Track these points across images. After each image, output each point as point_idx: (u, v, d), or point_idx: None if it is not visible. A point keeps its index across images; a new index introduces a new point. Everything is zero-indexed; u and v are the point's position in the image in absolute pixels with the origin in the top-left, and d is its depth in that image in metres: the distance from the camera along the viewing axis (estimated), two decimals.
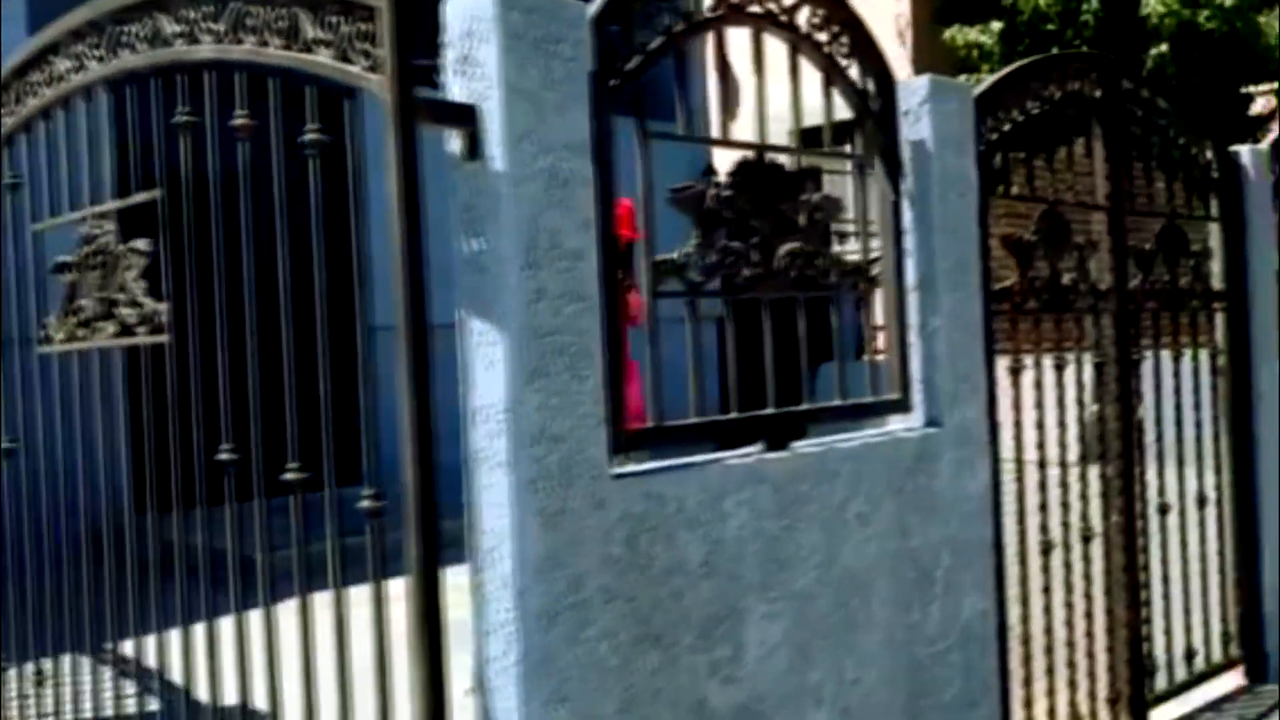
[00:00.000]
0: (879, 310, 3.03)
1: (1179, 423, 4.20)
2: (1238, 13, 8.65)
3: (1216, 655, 4.30)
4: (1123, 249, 3.82)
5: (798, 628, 2.56)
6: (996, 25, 10.36)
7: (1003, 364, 3.27)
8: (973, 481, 3.06)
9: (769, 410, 2.62)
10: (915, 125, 2.98)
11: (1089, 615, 3.59)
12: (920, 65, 12.44)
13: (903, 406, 2.97)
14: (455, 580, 2.07)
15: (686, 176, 2.47)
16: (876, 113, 2.91)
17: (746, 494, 2.45)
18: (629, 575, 2.20)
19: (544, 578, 2.06)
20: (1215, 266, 4.41)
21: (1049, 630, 3.42)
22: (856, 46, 2.85)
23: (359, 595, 2.16)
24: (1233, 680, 4.39)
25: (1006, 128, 3.32)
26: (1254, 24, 8.71)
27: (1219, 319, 4.44)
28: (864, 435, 2.82)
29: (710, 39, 2.70)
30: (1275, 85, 10.74)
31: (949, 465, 2.98)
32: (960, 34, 10.65)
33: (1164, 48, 9.28)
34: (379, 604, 2.11)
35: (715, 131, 11.67)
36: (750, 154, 2.59)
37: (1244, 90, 10.51)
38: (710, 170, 2.57)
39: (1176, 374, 4.18)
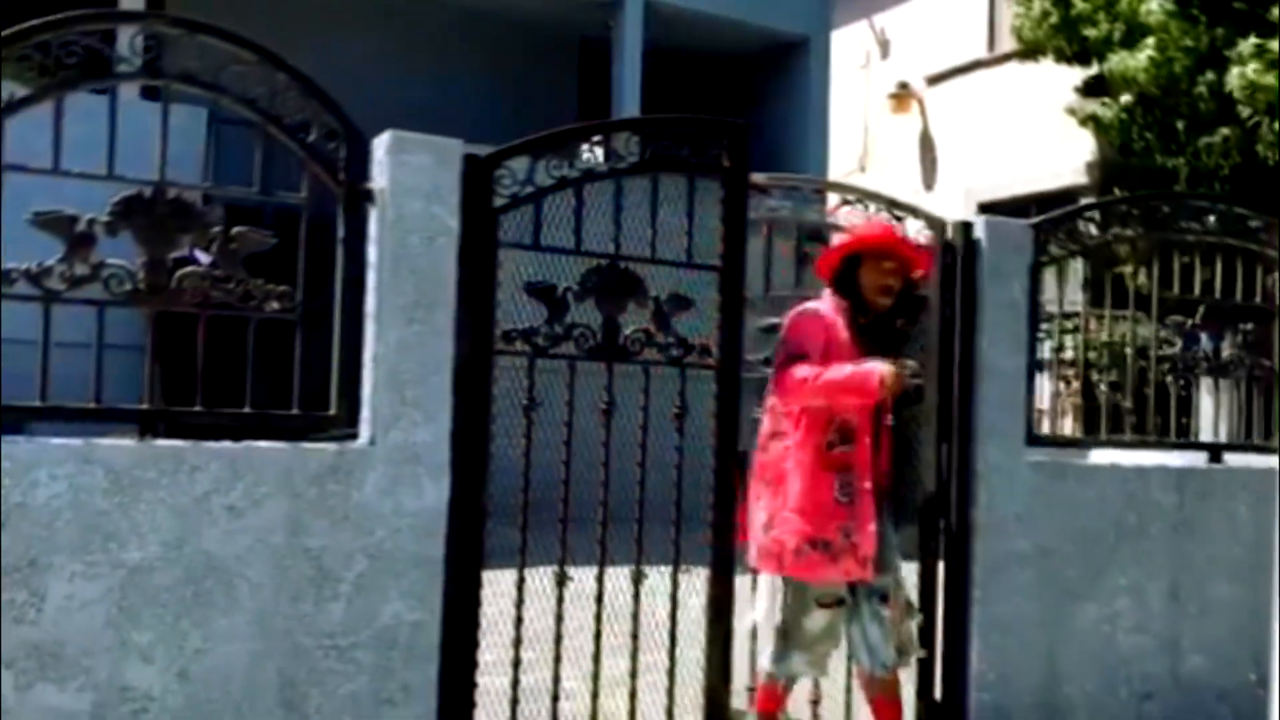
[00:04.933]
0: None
1: None
2: None
3: None
4: (736, 309, 3.89)
5: (126, 593, 2.99)
6: (1126, 98, 9.84)
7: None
8: (416, 500, 3.33)
9: (144, 406, 3.10)
10: (382, 175, 3.34)
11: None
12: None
13: (339, 422, 3.32)
14: None
15: None
16: (334, 160, 3.30)
17: (66, 470, 2.93)
18: None
19: None
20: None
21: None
22: (309, 101, 3.27)
23: None
24: None
25: (545, 184, 3.58)
26: None
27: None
28: (258, 443, 3.18)
29: None
30: None
31: (378, 480, 3.29)
32: (1080, 106, 10.20)
33: (1275, 125, 8.48)
34: None
35: None
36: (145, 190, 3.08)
37: None
38: None
39: None
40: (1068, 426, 4.74)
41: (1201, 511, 4.78)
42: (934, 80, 15.83)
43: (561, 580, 3.63)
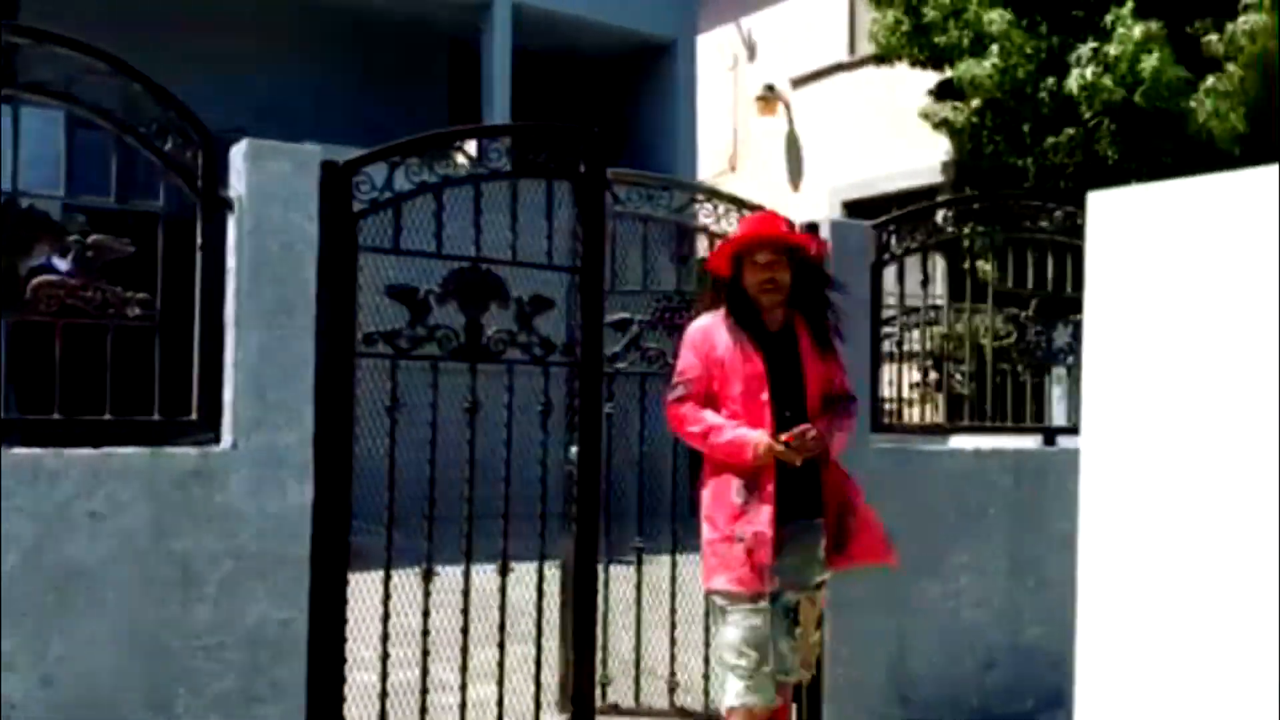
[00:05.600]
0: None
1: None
2: (1160, 90, 8.31)
3: None
4: (596, 308, 4.04)
5: None
6: (975, 102, 10.29)
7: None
8: (280, 501, 3.40)
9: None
10: (240, 181, 3.40)
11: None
12: None
13: (202, 427, 3.37)
14: None
15: None
16: (191, 168, 3.35)
17: None
18: None
19: None
20: None
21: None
22: (166, 111, 3.31)
23: None
24: None
25: (404, 190, 3.68)
26: (1180, 105, 8.34)
27: None
28: (119, 449, 3.21)
29: None
30: None
31: (242, 482, 3.35)
32: (933, 110, 10.64)
33: (1111, 125, 9.00)
34: None
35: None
36: None
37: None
38: None
39: None
40: (926, 414, 5.01)
41: (1037, 491, 5.10)
42: (799, 82, 16.26)
43: (428, 576, 3.73)
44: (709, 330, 3.69)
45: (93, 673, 3.14)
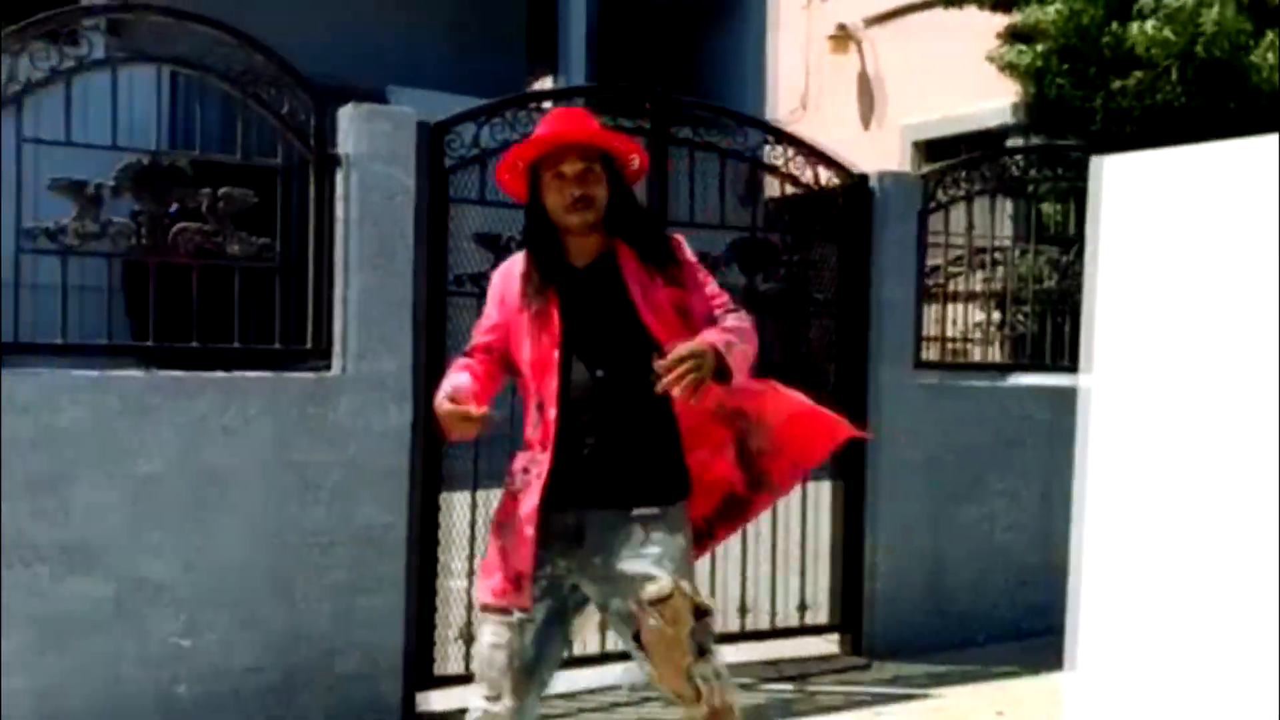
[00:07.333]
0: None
1: None
2: (1221, 42, 8.41)
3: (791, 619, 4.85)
4: None
5: (139, 500, 3.55)
6: (1040, 47, 10.40)
7: None
8: (382, 421, 3.91)
9: (149, 343, 3.65)
10: (349, 141, 3.86)
11: None
12: None
13: (318, 355, 3.87)
14: None
15: None
16: (304, 129, 3.82)
17: (86, 397, 3.47)
18: None
19: None
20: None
21: None
22: (284, 78, 3.78)
23: None
24: (824, 646, 4.94)
25: (489, 146, 4.11)
26: (1243, 59, 8.42)
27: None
28: (247, 373, 3.73)
29: None
30: None
31: (350, 403, 3.86)
32: (999, 55, 10.75)
33: (1178, 73, 9.11)
34: None
35: None
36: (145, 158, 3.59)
37: None
38: None
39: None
40: (985, 353, 5.42)
41: (1073, 425, 5.45)
42: (872, 22, 16.32)
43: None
44: (508, 271, 2.89)
45: (226, 562, 3.69)
